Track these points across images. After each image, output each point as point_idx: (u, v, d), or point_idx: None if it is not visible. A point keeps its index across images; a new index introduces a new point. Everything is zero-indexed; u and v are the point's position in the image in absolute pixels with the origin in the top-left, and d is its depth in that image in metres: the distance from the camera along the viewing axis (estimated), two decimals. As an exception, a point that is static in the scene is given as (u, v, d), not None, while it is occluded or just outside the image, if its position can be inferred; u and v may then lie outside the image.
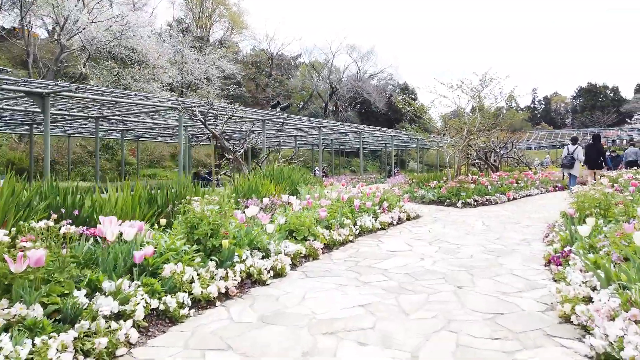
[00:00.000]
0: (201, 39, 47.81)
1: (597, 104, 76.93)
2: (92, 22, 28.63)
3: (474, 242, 6.37)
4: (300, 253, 4.98)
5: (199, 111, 13.33)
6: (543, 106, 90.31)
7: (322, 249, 5.63)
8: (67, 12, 27.65)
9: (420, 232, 7.33)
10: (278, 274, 4.45)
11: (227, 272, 3.91)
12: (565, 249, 4.67)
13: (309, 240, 5.46)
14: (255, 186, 7.04)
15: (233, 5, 51.35)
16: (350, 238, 6.31)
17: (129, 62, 34.51)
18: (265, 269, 4.26)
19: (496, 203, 12.45)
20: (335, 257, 5.44)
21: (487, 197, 12.45)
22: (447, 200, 12.03)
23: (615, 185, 8.46)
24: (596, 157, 12.67)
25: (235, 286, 3.86)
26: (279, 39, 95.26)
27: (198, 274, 3.68)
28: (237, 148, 13.05)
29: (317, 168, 33.11)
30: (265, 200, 6.59)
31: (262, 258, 4.55)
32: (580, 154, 12.88)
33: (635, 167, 15.35)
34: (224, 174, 11.97)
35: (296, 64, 54.21)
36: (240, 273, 4.04)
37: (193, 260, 3.81)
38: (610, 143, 44.55)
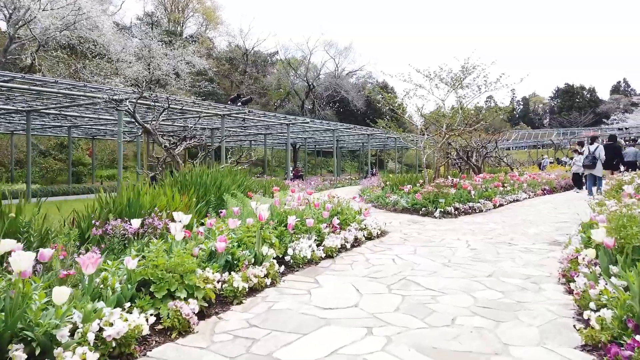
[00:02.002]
0: (172, 33, 45.03)
1: (575, 104, 76.19)
2: (42, 10, 25.80)
3: (457, 286, 4.13)
4: (139, 331, 2.65)
5: (129, 101, 10.92)
6: (522, 107, 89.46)
7: (207, 309, 3.33)
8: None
9: (380, 263, 5.07)
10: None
11: None
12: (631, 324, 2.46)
13: (180, 297, 3.14)
14: (139, 200, 4.68)
15: (207, -1, 48.70)
16: (267, 281, 4.00)
17: (89, 55, 31.77)
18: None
19: (481, 211, 10.31)
20: (223, 328, 3.14)
21: (470, 203, 10.31)
22: (423, 209, 9.85)
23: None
24: (612, 157, 12.04)
25: None
26: (254, 34, 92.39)
27: None
28: (173, 146, 10.66)
29: (290, 168, 30.82)
30: (151, 220, 4.28)
31: None
32: (602, 153, 11.98)
33: (634, 168, 13.86)
34: (154, 175, 9.56)
35: (273, 61, 51.70)
36: None
37: None
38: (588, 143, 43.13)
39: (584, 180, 14.81)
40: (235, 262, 3.99)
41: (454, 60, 11.20)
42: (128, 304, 2.88)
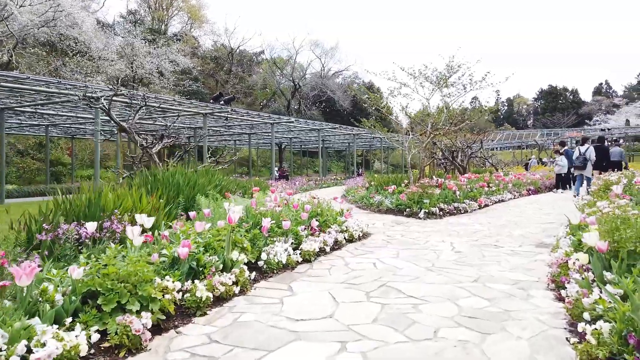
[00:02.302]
0: (156, 32, 44.31)
1: (558, 105, 77.02)
2: (20, 6, 25.07)
3: (440, 293, 3.85)
4: (76, 352, 2.30)
5: (104, 99, 10.48)
6: (506, 108, 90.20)
7: (165, 322, 3.00)
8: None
9: (360, 268, 4.78)
10: None
11: None
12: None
13: (132, 310, 2.80)
14: (100, 201, 4.31)
15: (192, -3, 48.03)
16: (236, 289, 3.67)
17: (70, 52, 31.06)
18: None
19: (466, 212, 10.10)
20: (180, 344, 2.80)
21: (455, 204, 10.09)
22: (408, 210, 9.59)
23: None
24: (601, 159, 12.19)
25: None
26: (239, 33, 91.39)
27: None
28: (150, 144, 10.25)
29: (276, 169, 30.44)
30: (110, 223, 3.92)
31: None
32: (592, 154, 12.16)
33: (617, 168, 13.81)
34: (127, 176, 9.15)
35: (259, 61, 51.23)
36: None
37: None
38: (574, 143, 43.58)
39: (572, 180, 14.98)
40: (201, 269, 3.65)
41: (439, 58, 10.94)
42: (70, 320, 2.54)
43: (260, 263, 4.39)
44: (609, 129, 39.59)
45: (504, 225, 7.99)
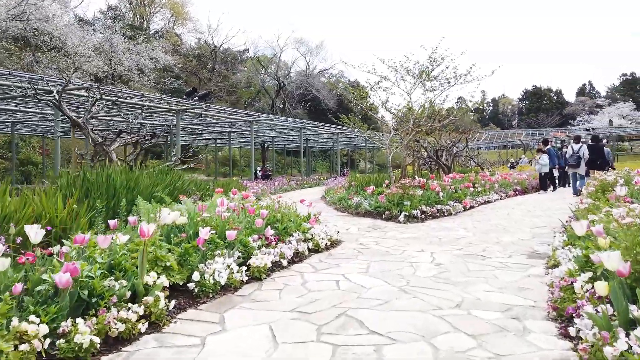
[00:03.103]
0: (137, 28, 42.99)
1: (542, 106, 77.10)
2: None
3: (413, 326, 2.97)
4: None
5: (56, 91, 9.46)
6: (491, 108, 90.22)
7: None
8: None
9: (319, 288, 3.90)
10: None
11: None
12: None
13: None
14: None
15: (174, -6, 46.79)
16: (142, 327, 2.76)
17: (45, 48, 29.78)
18: None
19: (450, 214, 9.29)
20: None
21: (439, 206, 9.27)
22: (387, 212, 8.75)
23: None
24: (595, 158, 12.11)
25: None
26: (223, 30, 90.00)
27: None
28: (105, 141, 9.26)
29: (258, 168, 29.45)
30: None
31: None
32: (585, 152, 12.18)
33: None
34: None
35: (243, 59, 50.13)
36: None
37: None
38: (558, 143, 43.34)
39: (570, 179, 14.50)
40: (98, 299, 2.73)
41: (422, 50, 10.11)
42: None
43: (191, 285, 3.48)
44: (593, 129, 39.34)
45: (491, 230, 7.18)
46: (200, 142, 33.05)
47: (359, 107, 12.86)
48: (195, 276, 3.52)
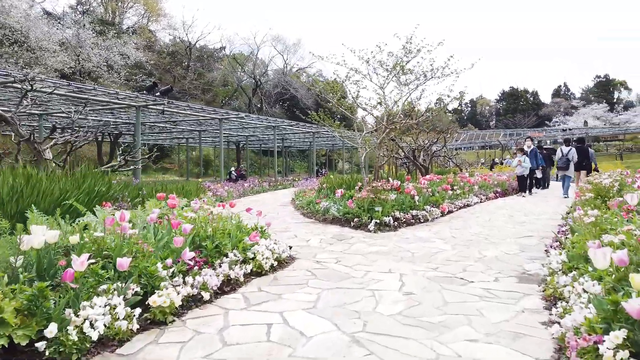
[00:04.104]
0: (108, 24, 41.16)
1: (519, 107, 77.49)
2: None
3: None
4: None
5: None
6: (469, 109, 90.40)
7: None
8: None
9: (241, 339, 2.79)
10: None
11: None
12: None
13: None
14: None
15: (147, -11, 45.02)
16: None
17: (6, 42, 28.01)
18: None
19: (426, 221, 8.30)
20: None
21: (414, 211, 8.27)
22: (356, 219, 7.70)
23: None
24: (581, 159, 12.27)
25: None
26: (198, 27, 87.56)
27: None
28: (37, 138, 7.98)
29: (233, 169, 28.16)
30: None
31: None
32: (575, 155, 12.26)
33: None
34: None
35: (220, 57, 48.60)
36: None
37: None
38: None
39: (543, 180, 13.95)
40: None
41: (396, 39, 9.05)
42: None
43: (41, 345, 2.35)
44: (570, 129, 39.14)
45: (472, 242, 6.18)
46: (171, 141, 31.58)
47: (338, 107, 11.82)
48: (51, 330, 2.38)
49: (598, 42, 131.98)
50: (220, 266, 3.84)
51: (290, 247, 5.18)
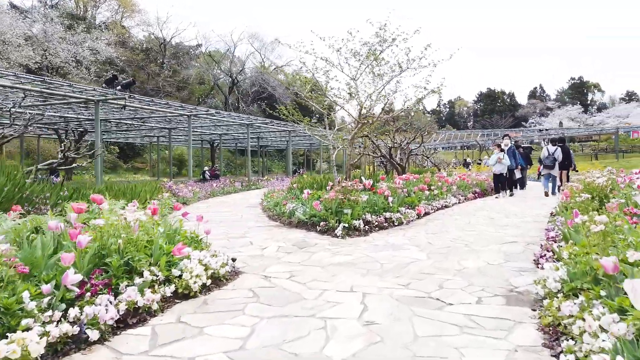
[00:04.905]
0: (79, 18, 39.48)
1: (496, 108, 77.99)
2: None
3: None
4: None
5: None
6: (448, 109, 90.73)
7: None
8: None
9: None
10: None
11: None
12: None
13: None
14: None
15: (121, -16, 43.41)
16: None
17: (-34, 36, 26.41)
18: None
19: (400, 224, 7.51)
20: None
21: (388, 214, 7.48)
22: (323, 223, 6.85)
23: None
24: (564, 158, 12.48)
25: None
26: (172, 23, 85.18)
27: None
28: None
29: (206, 168, 27.03)
30: None
31: None
32: (560, 154, 12.35)
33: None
34: None
35: (196, 54, 47.21)
36: None
37: None
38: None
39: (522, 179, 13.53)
40: None
41: (369, 26, 8.24)
42: None
43: None
44: (546, 130, 39.16)
45: (450, 249, 5.39)
46: (142, 139, 30.26)
47: (307, 100, 10.95)
48: None
49: (587, 41, 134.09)
50: (126, 289, 2.93)
51: (234, 260, 4.29)
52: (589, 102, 76.14)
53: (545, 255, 4.38)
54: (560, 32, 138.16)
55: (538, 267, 4.32)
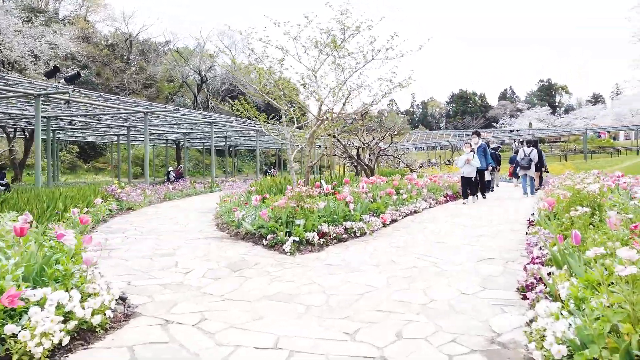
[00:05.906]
0: (39, 12, 37.24)
1: (468, 109, 78.43)
2: None
3: None
4: None
5: None
6: (420, 110, 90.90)
7: None
8: None
9: None
10: None
11: None
12: None
13: None
14: None
15: (84, -24, 41.27)
16: None
17: None
18: None
19: (363, 234, 6.51)
20: None
21: (348, 223, 6.46)
22: (271, 235, 5.78)
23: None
24: (538, 160, 12.46)
25: None
26: (139, 18, 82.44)
27: None
28: None
29: (171, 169, 25.57)
30: None
31: None
32: (536, 155, 12.36)
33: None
34: None
35: (164, 51, 45.40)
36: None
37: None
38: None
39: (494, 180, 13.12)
40: None
41: (328, 9, 7.21)
42: None
43: None
44: (517, 131, 39.10)
45: (416, 270, 4.40)
46: (102, 138, 28.53)
47: (261, 95, 9.86)
48: None
49: (576, 31, 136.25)
50: None
51: (124, 300, 3.15)
52: (557, 103, 77.37)
53: (532, 284, 3.42)
54: (550, 22, 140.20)
55: (523, 300, 3.38)
